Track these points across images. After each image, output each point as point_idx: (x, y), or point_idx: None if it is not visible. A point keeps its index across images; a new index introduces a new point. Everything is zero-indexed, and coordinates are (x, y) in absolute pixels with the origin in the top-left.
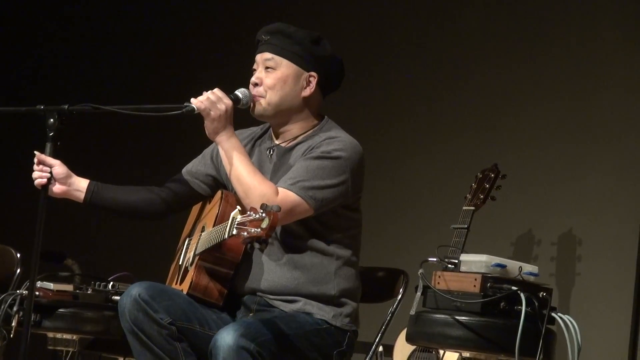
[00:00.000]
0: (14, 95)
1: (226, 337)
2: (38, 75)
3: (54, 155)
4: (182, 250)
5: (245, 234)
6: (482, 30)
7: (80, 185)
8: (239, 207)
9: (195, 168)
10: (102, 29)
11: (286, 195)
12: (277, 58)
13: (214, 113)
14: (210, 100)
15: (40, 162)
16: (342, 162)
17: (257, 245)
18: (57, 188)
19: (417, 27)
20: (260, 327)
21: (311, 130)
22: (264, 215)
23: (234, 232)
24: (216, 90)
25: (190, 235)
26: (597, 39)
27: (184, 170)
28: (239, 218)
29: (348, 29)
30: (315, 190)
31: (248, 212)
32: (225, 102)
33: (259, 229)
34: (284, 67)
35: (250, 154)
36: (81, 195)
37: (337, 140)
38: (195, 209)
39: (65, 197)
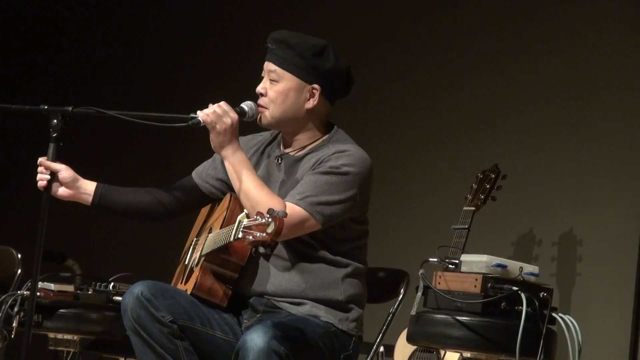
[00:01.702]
0: (18, 96)
1: (257, 339)
2: (44, 75)
3: (57, 156)
4: (189, 250)
5: (251, 237)
6: (482, 31)
7: (88, 188)
8: (245, 212)
9: (205, 172)
10: (111, 31)
11: (294, 210)
12: (280, 70)
13: (220, 127)
14: (216, 114)
15: (44, 167)
16: (351, 177)
17: (261, 250)
18: (64, 191)
19: (417, 27)
20: (287, 330)
21: (320, 141)
22: (270, 220)
23: (240, 235)
24: (222, 103)
25: (197, 236)
26: (597, 39)
27: (193, 173)
28: (245, 222)
29: (348, 30)
30: (323, 205)
31: (255, 217)
32: (231, 116)
33: (264, 234)
34: (286, 80)
35: (259, 160)
36: (89, 199)
37: (346, 154)
38: (204, 210)
39: (73, 200)
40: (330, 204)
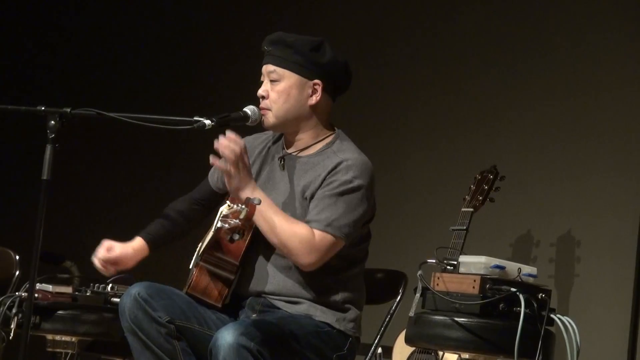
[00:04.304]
0: (19, 96)
1: (226, 336)
2: (43, 76)
3: (53, 157)
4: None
5: (227, 225)
6: (481, 31)
7: (141, 250)
8: (228, 202)
9: (218, 176)
10: (110, 32)
11: (324, 237)
12: (280, 70)
13: (229, 155)
14: (227, 148)
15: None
16: (363, 191)
17: (236, 237)
18: (128, 266)
19: (416, 27)
20: (260, 327)
21: (323, 144)
22: (243, 206)
23: (219, 224)
24: (225, 138)
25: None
26: (597, 39)
27: (209, 176)
28: (224, 211)
29: (348, 30)
30: (347, 227)
31: (231, 205)
32: (245, 161)
33: (237, 220)
34: (287, 79)
35: (264, 161)
36: (145, 255)
37: (353, 164)
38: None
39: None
40: (353, 223)
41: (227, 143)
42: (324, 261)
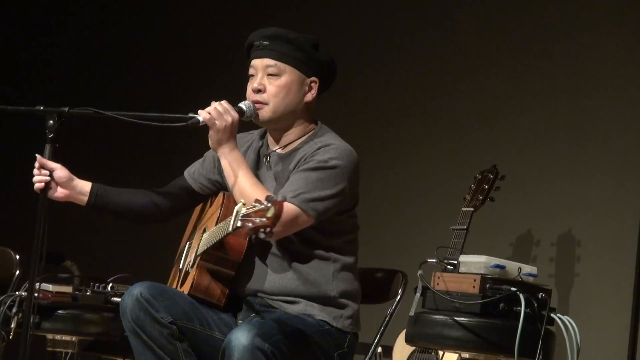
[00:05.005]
0: (17, 96)
1: (241, 337)
2: (41, 75)
3: (53, 156)
4: (183, 254)
5: (250, 224)
6: (481, 30)
7: (84, 188)
8: (242, 201)
9: (197, 171)
10: (108, 31)
11: (288, 207)
12: (281, 64)
13: (220, 124)
14: (218, 111)
15: (40, 166)
16: (339, 171)
17: (262, 236)
18: (59, 192)
19: (415, 26)
20: (272, 328)
21: (306, 137)
22: (269, 204)
23: (239, 224)
24: (224, 102)
25: (190, 239)
26: (597, 39)
27: (185, 173)
28: (243, 210)
29: (346, 29)
30: (316, 202)
31: (252, 204)
32: (232, 115)
33: (264, 218)
34: (288, 74)
35: (248, 159)
36: (84, 199)
37: (332, 148)
38: (196, 212)
39: (68, 201)
40: (323, 200)
41: (217, 103)
42: (286, 233)
